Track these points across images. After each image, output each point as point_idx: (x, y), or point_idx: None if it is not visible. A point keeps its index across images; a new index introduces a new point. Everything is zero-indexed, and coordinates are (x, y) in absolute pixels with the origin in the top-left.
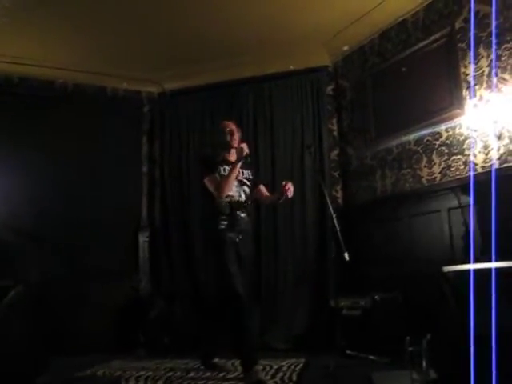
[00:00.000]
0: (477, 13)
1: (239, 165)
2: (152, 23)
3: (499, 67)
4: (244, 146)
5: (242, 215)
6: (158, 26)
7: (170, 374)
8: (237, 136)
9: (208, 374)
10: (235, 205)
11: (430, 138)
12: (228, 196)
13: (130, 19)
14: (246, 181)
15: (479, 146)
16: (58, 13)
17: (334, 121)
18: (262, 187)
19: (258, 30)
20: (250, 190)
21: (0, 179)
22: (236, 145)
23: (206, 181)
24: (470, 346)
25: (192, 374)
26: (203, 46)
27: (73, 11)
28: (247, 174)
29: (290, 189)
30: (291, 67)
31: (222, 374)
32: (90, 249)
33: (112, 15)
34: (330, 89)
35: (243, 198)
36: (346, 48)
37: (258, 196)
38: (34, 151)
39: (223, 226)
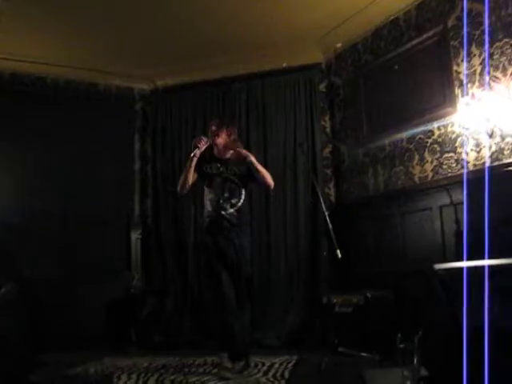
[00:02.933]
0: (469, 11)
1: (193, 160)
2: (145, 19)
3: (491, 65)
4: (199, 139)
5: (226, 213)
6: (150, 22)
7: (162, 370)
8: (219, 133)
9: (200, 370)
10: (216, 202)
11: (422, 136)
12: (211, 194)
13: (122, 15)
14: (232, 177)
15: (471, 144)
16: (49, 9)
17: (327, 118)
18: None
19: (251, 28)
20: (244, 184)
21: None
22: (218, 142)
23: None
24: (460, 343)
25: (186, 371)
26: (196, 43)
27: (64, 7)
28: (235, 169)
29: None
30: (284, 64)
31: (214, 370)
32: (82, 246)
33: (104, 11)
34: (322, 86)
35: (227, 194)
36: (338, 45)
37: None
38: (26, 148)
39: (207, 225)
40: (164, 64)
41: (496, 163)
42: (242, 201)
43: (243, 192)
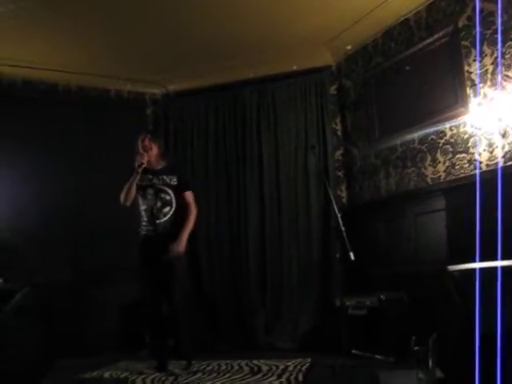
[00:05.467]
0: (481, 11)
1: (136, 176)
2: (155, 25)
3: (503, 65)
4: (141, 156)
5: (159, 221)
6: (161, 27)
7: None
8: (152, 146)
9: (214, 374)
10: (149, 211)
11: (434, 137)
12: (145, 203)
13: (132, 21)
14: (165, 187)
15: (484, 144)
16: (61, 15)
17: (338, 120)
18: (186, 196)
19: (261, 31)
20: (175, 195)
21: (5, 181)
22: (151, 154)
23: None
24: (475, 345)
25: (199, 375)
26: (206, 47)
27: (76, 14)
28: (167, 180)
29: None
30: (294, 67)
31: (227, 375)
32: (95, 250)
33: (115, 18)
34: (333, 88)
35: (158, 204)
36: (349, 48)
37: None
38: (38, 154)
39: (143, 232)
40: (175, 68)
41: (510, 163)
42: (173, 209)
43: (174, 201)
